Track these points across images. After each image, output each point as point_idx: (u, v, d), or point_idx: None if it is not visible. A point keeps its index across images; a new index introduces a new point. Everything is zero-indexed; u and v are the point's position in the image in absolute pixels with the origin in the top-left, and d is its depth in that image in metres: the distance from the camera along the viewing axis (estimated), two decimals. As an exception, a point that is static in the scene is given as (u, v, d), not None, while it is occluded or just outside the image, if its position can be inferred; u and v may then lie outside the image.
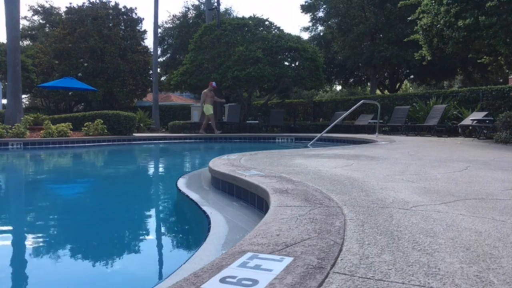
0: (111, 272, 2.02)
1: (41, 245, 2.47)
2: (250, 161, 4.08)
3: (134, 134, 12.86)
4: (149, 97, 27.84)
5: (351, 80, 28.72)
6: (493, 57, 10.17)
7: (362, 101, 10.86)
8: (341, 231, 1.50)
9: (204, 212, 2.76)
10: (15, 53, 12.74)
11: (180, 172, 5.87)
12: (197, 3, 31.36)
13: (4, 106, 17.95)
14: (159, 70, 25.42)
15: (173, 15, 42.20)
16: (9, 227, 2.98)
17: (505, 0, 7.18)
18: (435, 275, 1.11)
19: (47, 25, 34.80)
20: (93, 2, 24.80)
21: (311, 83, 16.08)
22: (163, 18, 68.00)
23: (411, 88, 37.87)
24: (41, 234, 2.75)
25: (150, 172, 6.75)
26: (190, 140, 13.09)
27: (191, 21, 29.94)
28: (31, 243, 2.54)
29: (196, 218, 2.95)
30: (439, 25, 8.44)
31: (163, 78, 28.68)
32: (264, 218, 1.73)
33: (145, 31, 26.66)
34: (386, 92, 25.97)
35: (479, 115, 10.17)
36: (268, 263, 1.17)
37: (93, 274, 1.97)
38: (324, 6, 24.36)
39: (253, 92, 19.24)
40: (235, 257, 1.22)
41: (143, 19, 34.04)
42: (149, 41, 79.59)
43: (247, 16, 22.63)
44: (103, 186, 4.89)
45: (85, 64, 23.46)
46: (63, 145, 10.29)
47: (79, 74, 22.88)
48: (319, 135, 10.16)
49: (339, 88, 39.72)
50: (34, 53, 24.81)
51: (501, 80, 25.29)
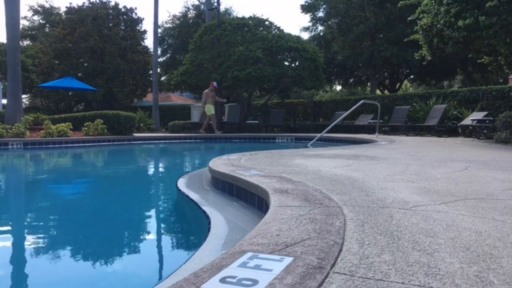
0: (111, 272, 2.02)
1: (41, 245, 2.47)
2: (250, 161, 4.08)
3: (134, 134, 12.86)
4: (149, 97, 27.84)
5: (351, 80, 28.72)
6: (493, 57, 10.17)
7: (362, 101, 10.85)
8: (341, 231, 1.50)
9: (204, 212, 2.76)
10: (15, 53, 12.74)
11: (180, 172, 5.87)
12: (197, 3, 31.39)
13: (4, 106, 17.95)
14: (159, 70, 25.43)
15: (173, 15, 42.25)
16: (9, 227, 2.98)
17: (505, 0, 7.18)
18: (435, 275, 1.11)
19: (47, 25, 34.82)
20: (93, 2, 24.80)
21: (311, 83, 16.08)
22: (163, 18, 68.05)
23: (411, 88, 37.87)
24: (41, 234, 2.75)
25: (150, 172, 6.75)
26: (190, 140, 13.09)
27: (191, 21, 29.95)
28: (31, 243, 2.54)
29: (196, 218, 2.95)
30: (439, 25, 8.44)
31: (163, 78, 28.68)
32: (264, 218, 1.73)
33: (145, 31, 26.67)
34: (386, 92, 25.97)
35: (479, 115, 10.17)
36: (268, 263, 1.17)
37: (93, 274, 1.97)
38: (324, 6, 24.37)
39: (253, 92, 19.24)
40: (235, 257, 1.22)
41: (143, 19, 34.06)
42: (149, 41, 79.67)
43: (247, 16, 22.64)
44: (103, 186, 4.89)
45: (85, 64, 23.46)
46: (63, 145, 10.29)
47: (79, 74, 22.88)
48: (319, 135, 10.16)
49: (339, 88, 39.74)
50: (34, 53, 24.81)
51: (501, 80, 25.29)
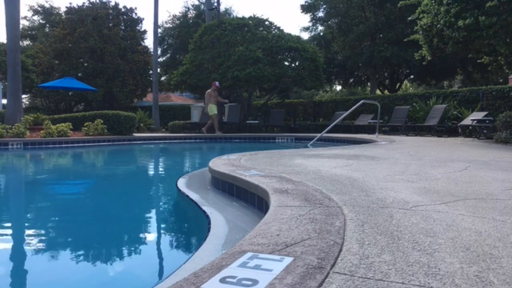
0: (111, 272, 2.02)
1: (41, 245, 2.47)
2: (250, 161, 4.08)
3: (134, 134, 12.86)
4: (149, 97, 27.84)
5: (351, 80, 28.72)
6: (493, 57, 10.17)
7: (362, 101, 10.85)
8: (341, 231, 1.50)
9: (204, 212, 2.76)
10: (15, 53, 12.74)
11: (180, 172, 5.88)
12: (197, 3, 31.42)
13: (4, 106, 17.96)
14: (159, 70, 25.43)
15: (173, 15, 42.28)
16: (9, 227, 2.98)
17: (505, 0, 7.18)
18: (435, 275, 1.11)
19: (47, 25, 34.83)
20: (93, 2, 24.80)
21: (311, 83, 16.08)
22: (163, 18, 68.01)
23: (411, 88, 37.86)
24: (41, 234, 2.75)
25: (150, 172, 6.75)
26: (190, 140, 13.09)
27: (191, 21, 29.96)
28: (31, 243, 2.54)
29: (196, 218, 2.95)
30: (439, 25, 8.44)
31: (163, 78, 28.68)
32: (264, 218, 1.73)
33: (145, 31, 26.66)
34: (386, 92, 25.97)
35: (479, 115, 10.17)
36: (268, 263, 1.17)
37: (93, 274, 1.97)
38: (324, 6, 24.37)
39: (253, 92, 19.24)
40: (235, 257, 1.22)
41: (143, 19, 34.05)
42: (149, 41, 79.66)
43: (247, 16, 22.65)
44: (103, 186, 4.89)
45: (85, 64, 23.46)
46: (63, 145, 10.29)
47: (79, 74, 22.88)
48: (319, 135, 10.16)
49: (339, 88, 39.74)
50: (34, 53, 24.81)
51: (501, 80, 25.28)
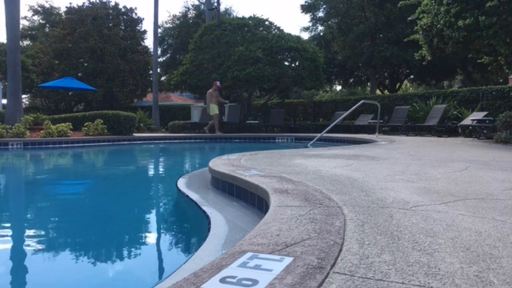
0: (111, 272, 2.02)
1: (41, 245, 2.47)
2: (250, 161, 4.08)
3: (134, 134, 12.86)
4: (149, 97, 27.84)
5: (351, 80, 28.72)
6: (493, 57, 10.16)
7: (362, 101, 10.85)
8: (341, 231, 1.50)
9: (204, 212, 2.76)
10: (15, 53, 12.74)
11: (180, 172, 5.88)
12: (197, 3, 31.42)
13: (4, 106, 17.96)
14: (159, 70, 25.43)
15: (173, 15, 42.28)
16: (9, 227, 2.98)
17: (505, 0, 7.17)
18: (435, 275, 1.11)
19: (47, 25, 34.83)
20: (93, 2, 24.80)
21: (311, 83, 16.08)
22: (163, 18, 68.00)
23: (411, 88, 37.86)
24: (41, 234, 2.75)
25: (150, 172, 6.75)
26: (190, 140, 13.09)
27: (191, 21, 29.97)
28: (31, 243, 2.54)
29: (196, 218, 2.95)
30: (439, 25, 8.43)
31: (163, 78, 28.68)
32: (264, 218, 1.73)
33: (145, 31, 26.66)
34: (386, 92, 25.96)
35: (479, 115, 10.17)
36: (268, 263, 1.17)
37: (93, 274, 1.97)
38: (324, 6, 24.37)
39: (253, 92, 19.24)
40: (235, 257, 1.22)
41: (143, 19, 34.06)
42: (149, 41, 79.67)
43: (247, 16, 22.64)
44: (103, 186, 4.89)
45: (85, 64, 23.46)
46: (63, 145, 10.29)
47: (79, 74, 22.88)
48: (319, 135, 10.16)
49: (339, 88, 39.74)
50: (34, 53, 24.81)
51: (501, 80, 25.28)
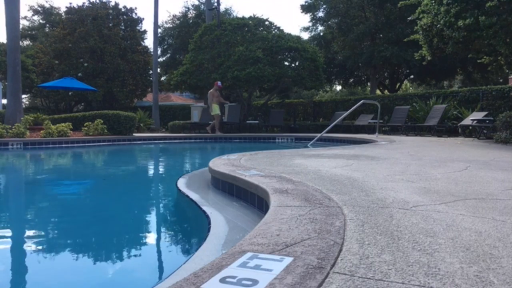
0: (111, 272, 2.02)
1: (41, 245, 2.47)
2: (250, 161, 4.08)
3: (134, 134, 12.86)
4: (149, 97, 27.84)
5: (351, 80, 28.72)
6: (493, 57, 10.16)
7: (362, 101, 10.85)
8: (341, 231, 1.50)
9: (204, 212, 2.76)
10: (15, 53, 12.74)
11: (180, 172, 5.88)
12: (197, 3, 31.42)
13: (4, 106, 17.96)
14: (159, 70, 25.42)
15: (173, 15, 42.28)
16: (9, 227, 2.98)
17: (505, 0, 7.17)
18: (435, 275, 1.11)
19: (47, 25, 34.82)
20: (93, 2, 24.80)
21: (311, 83, 16.08)
22: (163, 18, 67.97)
23: (411, 88, 37.85)
24: (41, 234, 2.74)
25: (150, 172, 6.75)
26: (190, 140, 13.09)
27: (191, 21, 29.97)
28: (30, 243, 2.54)
29: (196, 218, 2.95)
30: (439, 25, 8.43)
31: (163, 78, 28.68)
32: (264, 218, 1.73)
33: (145, 31, 26.66)
34: (386, 92, 25.96)
35: (479, 115, 10.17)
36: (268, 263, 1.17)
37: (93, 274, 1.97)
38: (324, 6, 24.37)
39: (253, 92, 19.23)
40: (235, 257, 1.22)
41: (143, 19, 34.06)
42: (149, 41, 79.65)
43: (247, 16, 22.63)
44: (103, 186, 4.89)
45: (85, 64, 23.46)
46: (63, 145, 10.29)
47: (79, 74, 22.88)
48: (319, 135, 10.16)
49: (339, 88, 39.74)
50: (34, 53, 24.81)
51: (501, 80, 25.28)
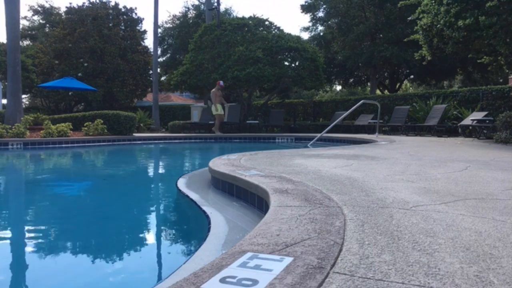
0: (111, 272, 2.02)
1: (41, 245, 2.47)
2: (250, 161, 4.08)
3: (134, 134, 12.86)
4: (149, 97, 27.83)
5: (351, 80, 28.71)
6: (493, 57, 10.16)
7: (362, 101, 10.85)
8: (341, 231, 1.50)
9: (204, 212, 2.76)
10: (15, 53, 12.74)
11: (180, 172, 5.88)
12: (197, 3, 31.41)
13: (4, 106, 17.96)
14: (159, 70, 25.41)
15: (173, 15, 42.24)
16: (9, 227, 2.98)
17: (505, 0, 7.18)
18: (435, 275, 1.11)
19: (47, 25, 34.82)
20: (93, 2, 24.80)
21: (311, 83, 16.08)
22: (163, 18, 67.96)
23: (411, 88, 37.85)
24: (41, 234, 2.74)
25: (150, 172, 6.75)
26: (190, 140, 13.09)
27: (191, 21, 29.95)
28: (30, 243, 2.54)
29: (196, 218, 2.95)
30: (439, 25, 8.44)
31: (163, 78, 28.67)
32: (264, 218, 1.73)
33: (145, 31, 26.66)
34: (386, 92, 25.96)
35: (479, 115, 10.16)
36: (268, 263, 1.17)
37: (93, 274, 1.97)
38: (324, 6, 24.37)
39: (253, 92, 19.23)
40: (235, 257, 1.22)
41: (143, 19, 34.06)
42: (149, 41, 79.63)
43: (247, 16, 22.63)
44: (103, 186, 4.89)
45: (85, 64, 23.46)
46: (63, 145, 10.29)
47: (79, 74, 22.88)
48: (319, 135, 10.16)
49: (339, 88, 39.73)
50: (34, 53, 24.81)
51: (501, 80, 25.28)
